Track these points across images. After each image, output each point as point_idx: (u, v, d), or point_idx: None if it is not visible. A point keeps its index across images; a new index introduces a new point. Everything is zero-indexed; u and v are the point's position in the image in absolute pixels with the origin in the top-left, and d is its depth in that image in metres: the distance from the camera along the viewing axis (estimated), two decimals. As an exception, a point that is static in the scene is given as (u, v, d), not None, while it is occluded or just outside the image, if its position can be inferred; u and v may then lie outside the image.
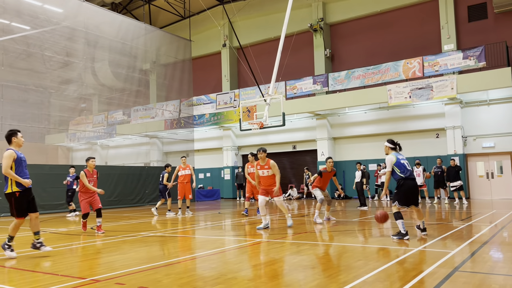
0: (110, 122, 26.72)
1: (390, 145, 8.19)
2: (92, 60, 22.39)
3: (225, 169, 27.08)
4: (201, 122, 26.21)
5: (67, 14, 19.96)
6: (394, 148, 8.17)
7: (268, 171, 9.49)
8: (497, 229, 8.88)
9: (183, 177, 14.07)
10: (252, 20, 27.26)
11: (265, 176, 9.55)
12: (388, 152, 8.17)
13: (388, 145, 8.21)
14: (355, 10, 24.15)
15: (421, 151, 20.69)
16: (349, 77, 21.53)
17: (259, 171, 9.59)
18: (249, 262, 6.23)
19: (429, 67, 19.43)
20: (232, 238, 9.00)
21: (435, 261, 5.59)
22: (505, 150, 19.30)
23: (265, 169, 9.53)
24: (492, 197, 19.42)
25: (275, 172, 9.48)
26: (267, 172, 9.50)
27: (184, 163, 14.21)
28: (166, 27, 30.09)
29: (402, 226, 7.72)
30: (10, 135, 6.86)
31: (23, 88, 19.11)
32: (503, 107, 19.41)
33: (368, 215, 12.68)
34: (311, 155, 24.77)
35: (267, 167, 9.50)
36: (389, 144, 8.20)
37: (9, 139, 6.85)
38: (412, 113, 21.30)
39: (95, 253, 7.08)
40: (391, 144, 8.20)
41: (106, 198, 18.24)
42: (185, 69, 25.61)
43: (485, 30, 20.70)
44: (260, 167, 9.61)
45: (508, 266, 5.44)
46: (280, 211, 15.30)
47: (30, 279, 5.29)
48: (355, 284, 4.60)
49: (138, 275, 5.33)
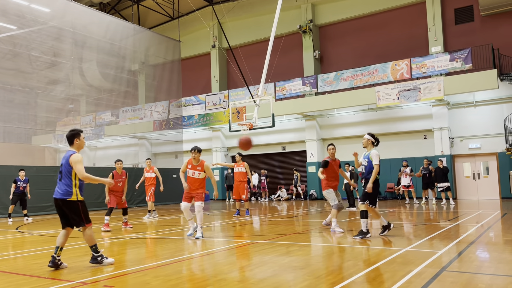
0: (98, 123, 26.49)
1: (372, 139, 7.96)
2: (80, 61, 22.17)
3: (214, 170, 27.02)
4: (190, 123, 26.11)
5: (54, 13, 19.74)
6: (373, 143, 7.97)
7: (200, 173, 8.62)
8: (483, 229, 9.00)
9: (146, 180, 13.89)
10: (241, 21, 27.27)
11: (194, 178, 8.64)
12: (368, 146, 7.96)
13: (370, 139, 7.96)
14: (344, 12, 24.30)
15: (409, 152, 20.88)
16: (338, 79, 21.65)
17: (189, 171, 8.66)
18: (239, 263, 6.22)
19: (417, 69, 19.63)
20: (222, 239, 8.97)
21: (423, 261, 5.64)
22: (491, 151, 19.57)
23: (197, 170, 8.63)
24: (479, 197, 19.67)
25: (209, 175, 8.67)
26: (198, 174, 8.62)
27: (149, 166, 14.01)
28: (155, 28, 29.94)
29: (365, 225, 7.79)
30: (73, 136, 5.97)
31: (9, 89, 18.84)
32: (490, 109, 19.68)
33: (356, 216, 12.74)
34: (300, 156, 24.84)
35: (199, 169, 8.62)
36: (371, 138, 7.97)
37: (71, 140, 5.96)
38: (400, 114, 21.50)
39: (82, 255, 7.01)
40: (372, 137, 7.98)
41: (94, 199, 18.07)
42: (174, 70, 25.51)
43: (471, 33, 20.98)
44: (192, 166, 8.65)
45: (495, 265, 5.51)
46: (265, 212, 15.28)
47: (16, 282, 5.20)
48: (344, 284, 4.62)
49: (126, 277, 5.28)
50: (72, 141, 5.96)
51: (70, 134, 5.99)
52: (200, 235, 8.56)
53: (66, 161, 5.79)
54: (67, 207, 5.80)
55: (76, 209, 5.82)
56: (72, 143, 5.96)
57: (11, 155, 19.79)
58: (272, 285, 4.71)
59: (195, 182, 8.67)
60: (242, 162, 13.84)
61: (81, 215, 5.84)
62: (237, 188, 13.74)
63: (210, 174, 8.69)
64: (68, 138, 5.99)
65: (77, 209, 5.82)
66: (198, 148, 8.77)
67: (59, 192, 5.78)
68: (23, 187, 14.48)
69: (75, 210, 5.82)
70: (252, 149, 26.14)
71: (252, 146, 6.39)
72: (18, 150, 20.67)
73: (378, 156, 7.79)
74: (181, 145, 25.82)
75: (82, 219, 5.84)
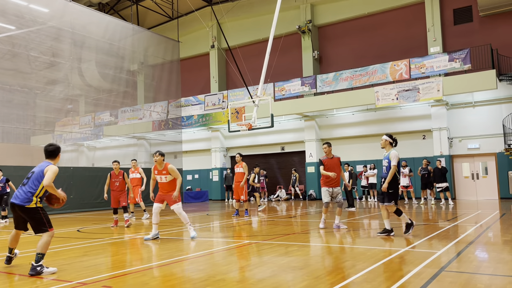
0: (97, 123, 26.46)
1: (390, 139, 8.13)
2: (79, 61, 22.13)
3: (214, 170, 27.01)
4: (189, 123, 26.11)
5: (53, 14, 19.70)
6: (392, 144, 8.13)
7: (166, 176, 8.44)
8: (482, 229, 9.01)
9: (131, 181, 13.74)
10: (240, 21, 27.27)
11: (162, 183, 8.52)
12: (386, 147, 8.13)
13: (388, 139, 8.13)
14: (343, 12, 24.32)
15: (408, 153, 20.90)
16: (337, 79, 21.66)
17: (157, 176, 8.55)
18: (238, 263, 6.22)
19: (416, 69, 19.65)
20: (221, 239, 8.97)
21: (422, 261, 5.64)
22: (489, 152, 19.60)
23: (162, 174, 8.47)
24: (477, 197, 19.69)
25: (176, 177, 8.49)
26: (165, 178, 8.45)
27: (134, 166, 13.90)
28: (154, 28, 29.93)
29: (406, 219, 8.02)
30: (58, 150, 6.13)
31: (8, 89, 18.80)
32: (488, 109, 19.70)
33: (356, 216, 12.75)
34: (299, 156, 24.85)
35: (165, 173, 8.45)
36: (389, 139, 8.13)
37: (55, 153, 6.08)
38: (399, 114, 21.51)
39: (81, 256, 7.00)
40: (390, 139, 8.15)
41: (93, 200, 18.06)
42: (173, 70, 25.48)
43: (470, 33, 21.01)
44: (158, 172, 8.51)
45: (493, 265, 5.51)
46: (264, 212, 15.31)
47: (14, 283, 5.20)
48: (343, 284, 4.62)
49: (125, 277, 5.28)
50: (55, 155, 6.05)
51: (55, 148, 6.07)
52: (193, 234, 8.54)
53: (41, 169, 5.80)
54: (26, 213, 5.75)
55: (37, 214, 5.74)
56: (55, 157, 6.04)
57: (10, 155, 19.72)
58: (271, 285, 4.71)
59: (164, 186, 8.56)
60: (241, 163, 13.84)
61: (43, 219, 5.76)
62: (236, 189, 13.74)
63: (176, 176, 8.50)
64: (51, 152, 6.03)
65: (37, 214, 5.75)
66: (160, 152, 8.58)
67: (19, 197, 5.73)
68: (1, 187, 14.23)
69: (35, 216, 5.74)
70: (252, 149, 26.29)
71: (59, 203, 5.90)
72: (17, 151, 20.59)
73: (397, 157, 7.95)
74: (180, 146, 25.80)
75: (45, 224, 5.76)
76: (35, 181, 5.78)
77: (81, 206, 18.42)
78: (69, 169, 19.00)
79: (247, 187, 14.00)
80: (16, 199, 5.74)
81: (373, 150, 20.52)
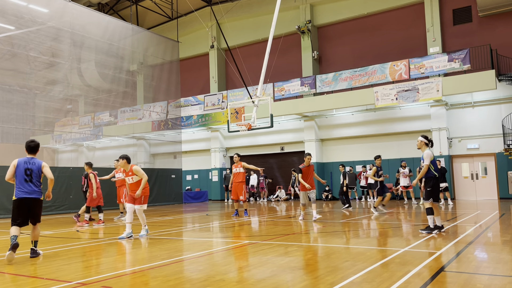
0: (97, 124, 26.46)
1: (425, 140, 8.52)
2: (78, 61, 22.14)
3: (213, 170, 27.00)
4: (189, 123, 26.11)
5: (53, 14, 19.70)
6: (427, 144, 8.49)
7: (133, 177, 8.87)
8: (481, 230, 9.01)
9: (118, 181, 13.59)
10: (240, 21, 27.28)
11: (130, 183, 8.97)
12: (422, 147, 8.50)
13: (423, 140, 8.52)
14: (343, 12, 24.33)
15: (407, 153, 20.91)
16: (336, 79, 21.67)
17: (126, 178, 9.06)
18: (237, 264, 6.22)
19: (415, 69, 19.66)
20: (220, 240, 8.97)
21: (421, 261, 5.65)
22: (489, 152, 19.61)
23: (129, 176, 8.93)
24: (477, 197, 19.70)
25: (141, 177, 8.83)
26: (132, 178, 8.90)
27: (117, 166, 13.56)
28: (154, 28, 29.93)
29: (432, 221, 8.19)
30: (38, 146, 6.98)
31: (7, 89, 18.80)
32: (488, 109, 19.72)
33: (351, 217, 12.76)
34: (298, 156, 24.84)
35: (131, 174, 8.89)
36: (424, 140, 8.53)
37: (37, 149, 6.92)
38: (399, 115, 21.52)
39: (80, 256, 7.00)
40: (425, 139, 8.52)
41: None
42: (172, 70, 25.48)
43: (469, 33, 21.03)
44: (126, 174, 9.02)
45: (493, 266, 5.52)
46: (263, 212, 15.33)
47: (13, 283, 5.19)
48: (342, 285, 4.62)
49: (125, 278, 5.28)
50: (37, 150, 6.85)
51: (37, 144, 6.90)
52: (143, 233, 9.12)
53: (38, 167, 6.68)
54: (37, 205, 6.66)
55: (41, 206, 6.77)
56: (36, 152, 6.85)
57: (9, 155, 19.67)
58: (270, 286, 4.71)
59: (132, 187, 8.99)
60: (240, 163, 13.83)
61: (41, 211, 6.77)
62: (236, 189, 13.72)
63: (140, 176, 8.85)
64: (34, 147, 6.82)
65: (41, 206, 6.77)
66: (121, 156, 9.03)
67: (35, 192, 6.57)
68: None
69: (40, 208, 6.75)
70: (252, 149, 26.26)
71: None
72: (16, 151, 20.55)
73: (429, 157, 8.34)
74: (180, 146, 25.80)
75: (40, 215, 6.78)
76: (38, 177, 6.65)
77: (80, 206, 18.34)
78: (69, 169, 18.98)
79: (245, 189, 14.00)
80: (32, 194, 6.54)
81: (373, 150, 20.50)
